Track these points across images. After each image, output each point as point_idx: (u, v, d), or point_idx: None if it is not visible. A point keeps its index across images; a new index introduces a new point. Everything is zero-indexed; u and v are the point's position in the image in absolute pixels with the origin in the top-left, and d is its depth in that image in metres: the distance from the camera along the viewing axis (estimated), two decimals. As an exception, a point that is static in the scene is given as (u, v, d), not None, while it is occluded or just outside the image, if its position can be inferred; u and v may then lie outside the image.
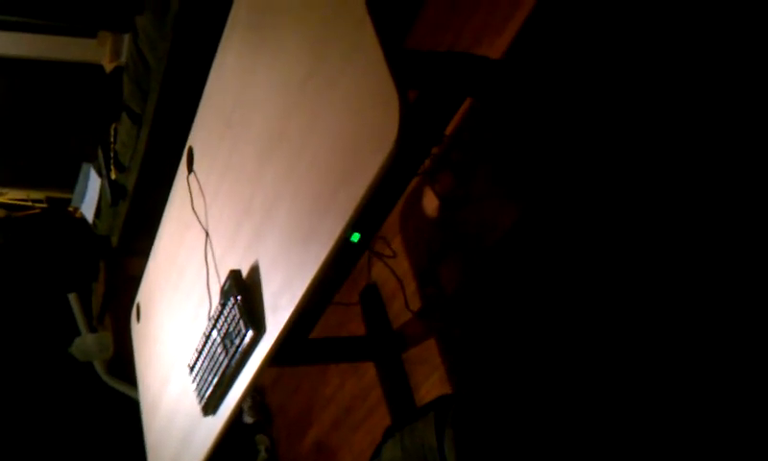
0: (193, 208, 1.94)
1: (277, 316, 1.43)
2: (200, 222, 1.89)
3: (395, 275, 2.38)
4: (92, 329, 3.90)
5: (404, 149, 1.78)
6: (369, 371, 2.53)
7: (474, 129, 2.11)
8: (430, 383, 2.25)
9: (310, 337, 2.44)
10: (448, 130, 2.13)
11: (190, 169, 2.00)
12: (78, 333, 3.84)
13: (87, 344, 3.73)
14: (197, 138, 2.01)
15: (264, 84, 1.58)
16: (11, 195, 4.34)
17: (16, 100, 3.97)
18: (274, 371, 3.31)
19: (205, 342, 1.70)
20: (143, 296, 2.50)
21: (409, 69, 1.65)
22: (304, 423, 3.00)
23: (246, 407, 3.35)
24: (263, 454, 3.31)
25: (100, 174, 3.33)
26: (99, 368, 3.77)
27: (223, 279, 1.66)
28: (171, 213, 2.21)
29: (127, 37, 3.18)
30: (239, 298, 1.55)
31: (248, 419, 3.35)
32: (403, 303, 2.34)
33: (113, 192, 3.21)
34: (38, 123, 4.05)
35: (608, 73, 1.73)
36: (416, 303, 2.32)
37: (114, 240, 3.43)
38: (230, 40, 1.82)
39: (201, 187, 1.91)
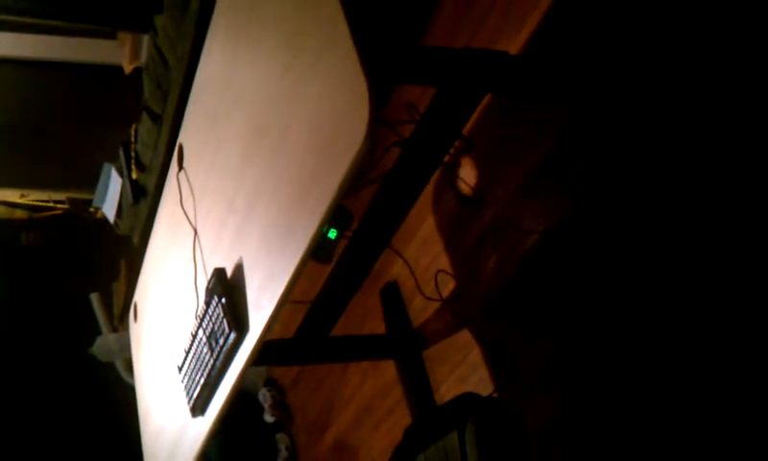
0: (182, 206, 1.92)
1: (260, 315, 1.41)
2: (188, 220, 1.87)
3: (408, 265, 2.38)
4: (114, 329, 3.92)
5: (419, 146, 1.78)
6: (389, 370, 2.53)
7: (494, 127, 2.10)
8: (450, 382, 2.24)
9: (330, 335, 2.44)
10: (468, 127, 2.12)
11: (180, 166, 1.99)
12: (99, 333, 3.86)
13: (109, 344, 3.74)
14: (187, 134, 1.99)
15: (246, 78, 1.57)
16: (33, 196, 4.38)
17: (37, 102, 4.00)
18: (294, 370, 3.31)
19: (192, 342, 1.67)
20: (139, 295, 2.49)
21: (427, 66, 1.64)
22: (324, 422, 3.00)
23: (266, 406, 3.36)
24: (284, 453, 3.31)
25: (121, 174, 3.35)
26: (120, 368, 3.78)
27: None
28: (163, 211, 2.20)
29: (146, 38, 3.20)
30: (223, 297, 1.52)
31: (268, 418, 3.35)
32: (423, 302, 2.34)
33: (134, 192, 3.23)
34: (59, 124, 4.08)
35: (631, 70, 1.71)
36: (433, 305, 2.32)
37: (136, 240, 3.45)
38: (215, 33, 1.80)
39: (190, 184, 1.90)
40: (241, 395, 3.43)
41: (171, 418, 1.95)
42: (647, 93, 1.67)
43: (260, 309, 1.41)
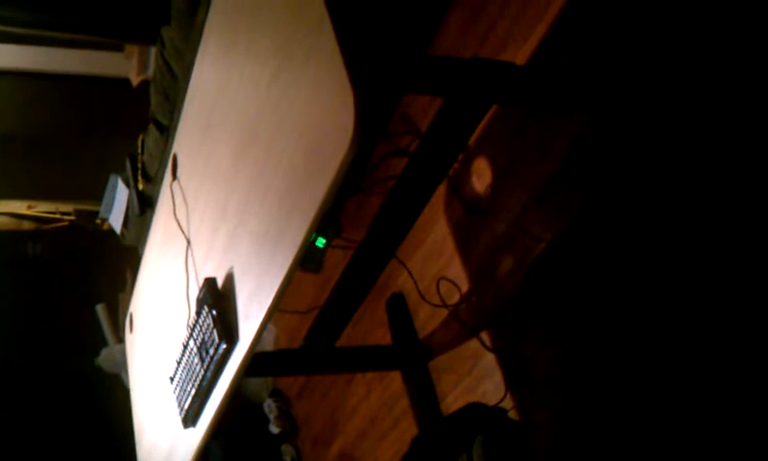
0: (175, 216, 1.92)
1: (249, 325, 1.40)
2: (181, 229, 1.86)
3: (411, 276, 2.38)
4: (119, 341, 3.92)
5: (423, 156, 1.79)
6: (395, 380, 2.52)
7: (501, 136, 2.10)
8: (457, 392, 2.23)
9: (336, 346, 2.44)
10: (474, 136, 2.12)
11: (174, 176, 1.99)
12: (105, 344, 3.87)
13: (114, 355, 3.75)
14: (181, 144, 1.99)
15: (237, 85, 1.57)
16: (40, 207, 4.39)
17: (45, 113, 4.03)
18: (299, 381, 3.31)
19: (183, 352, 1.66)
20: (135, 305, 2.48)
21: (435, 76, 1.65)
22: (330, 433, 3.00)
23: (272, 417, 3.35)
24: (289, 464, 3.31)
25: (128, 185, 3.36)
26: (125, 379, 3.78)
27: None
28: (158, 221, 2.19)
29: (153, 50, 3.21)
30: (213, 307, 1.51)
31: (274, 429, 3.34)
32: (430, 312, 2.34)
33: (141, 203, 3.23)
34: (67, 136, 4.10)
35: (639, 78, 1.72)
36: (439, 316, 2.31)
37: (142, 251, 3.45)
38: (208, 41, 1.80)
39: (183, 194, 1.89)
40: (246, 406, 3.43)
41: (164, 430, 1.94)
42: (657, 101, 1.67)
43: (249, 319, 1.40)
